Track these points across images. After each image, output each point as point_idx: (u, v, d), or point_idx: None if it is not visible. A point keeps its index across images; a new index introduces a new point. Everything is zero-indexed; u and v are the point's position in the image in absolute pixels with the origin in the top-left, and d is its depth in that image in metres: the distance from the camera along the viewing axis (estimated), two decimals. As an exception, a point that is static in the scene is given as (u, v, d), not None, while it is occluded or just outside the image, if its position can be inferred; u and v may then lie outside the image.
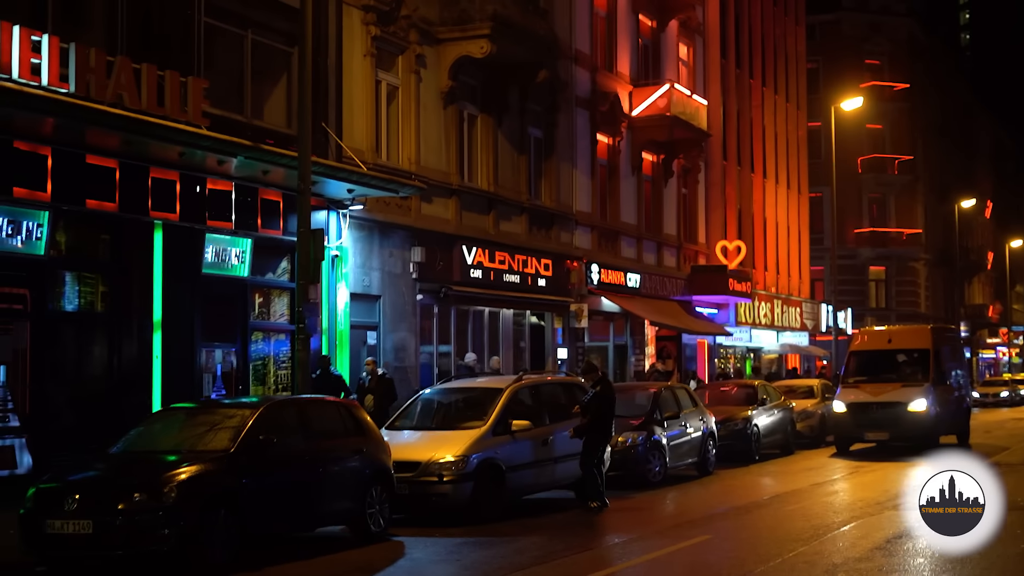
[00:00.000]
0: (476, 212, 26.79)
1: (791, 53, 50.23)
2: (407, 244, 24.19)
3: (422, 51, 24.82)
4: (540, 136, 29.87)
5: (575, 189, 31.21)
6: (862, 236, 64.61)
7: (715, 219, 40.70)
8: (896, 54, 67.21)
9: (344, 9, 22.55)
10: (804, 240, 51.33)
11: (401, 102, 24.53)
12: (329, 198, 21.54)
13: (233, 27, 19.91)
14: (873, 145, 66.21)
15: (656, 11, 36.33)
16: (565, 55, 30.72)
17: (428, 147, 25.08)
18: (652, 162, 36.23)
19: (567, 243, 30.75)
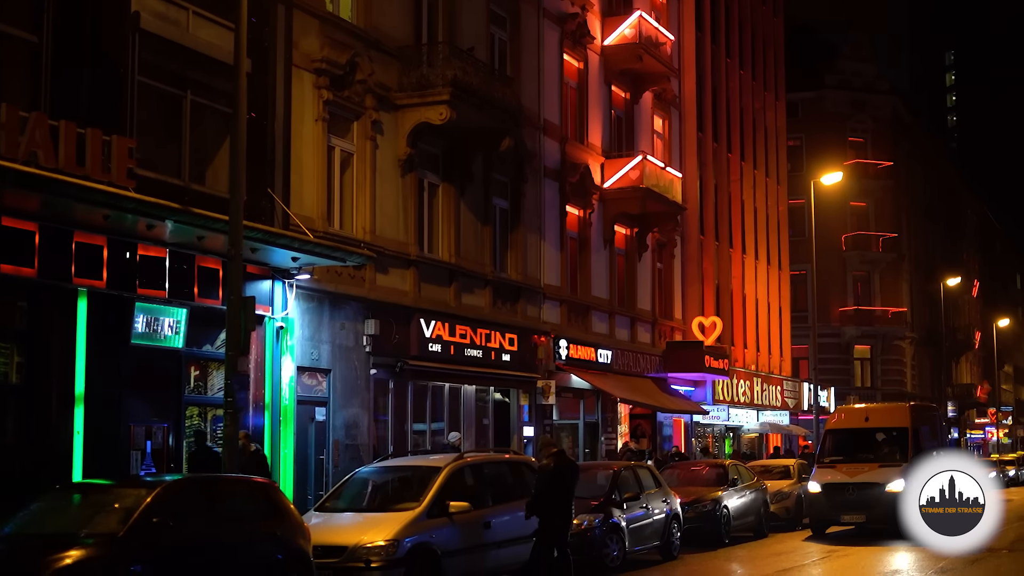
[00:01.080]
0: (436, 284, 25.82)
1: (771, 128, 49.66)
2: (360, 316, 23.19)
3: (379, 117, 24.00)
4: (506, 207, 29.00)
5: (543, 262, 30.29)
6: (847, 314, 63.72)
7: (692, 295, 39.78)
8: (880, 132, 66.82)
9: (294, 72, 21.73)
10: (785, 318, 50.42)
11: (356, 169, 23.65)
12: (274, 267, 20.58)
13: (171, 87, 19.05)
14: (857, 223, 65.61)
15: (630, 83, 35.67)
16: (533, 124, 29.97)
17: (385, 216, 24.17)
18: (625, 235, 35.38)
19: (534, 317, 29.77)
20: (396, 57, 24.66)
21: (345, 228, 23.31)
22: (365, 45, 23.65)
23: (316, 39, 22.32)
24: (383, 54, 24.26)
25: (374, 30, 24.04)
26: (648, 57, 34.40)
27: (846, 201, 64.28)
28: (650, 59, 34.59)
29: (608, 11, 34.67)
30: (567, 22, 31.90)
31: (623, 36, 34.09)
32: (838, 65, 66.88)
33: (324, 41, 22.44)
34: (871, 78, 67.63)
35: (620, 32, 34.09)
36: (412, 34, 25.45)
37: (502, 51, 29.27)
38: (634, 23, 34.06)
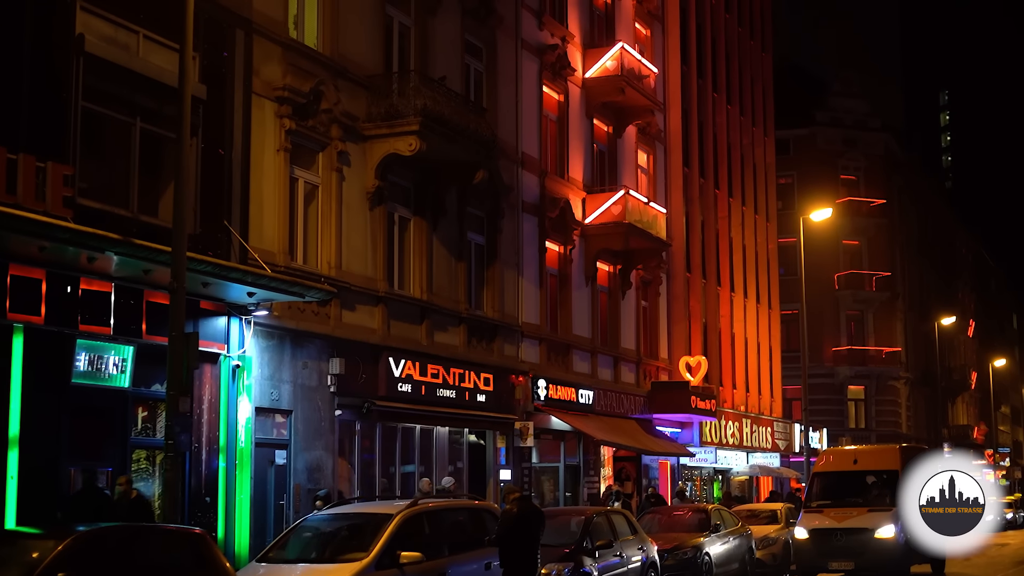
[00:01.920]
0: (407, 321, 24.85)
1: (760, 164, 48.86)
2: (325, 355, 22.20)
3: (345, 148, 23.10)
4: (482, 242, 28.09)
5: (521, 299, 29.35)
6: (840, 354, 62.76)
7: (678, 334, 38.81)
8: (872, 169, 66.07)
9: (255, 100, 20.84)
10: (776, 357, 49.42)
11: (321, 202, 22.74)
12: (230, 303, 19.63)
13: (118, 114, 18.15)
14: (850, 261, 64.82)
15: (612, 116, 34.86)
16: (510, 158, 29.12)
17: (352, 251, 23.24)
18: (608, 272, 34.47)
19: (512, 356, 28.80)
20: (364, 86, 23.81)
21: (309, 263, 22.38)
22: (331, 73, 22.80)
23: (278, 66, 21.46)
24: (350, 83, 23.41)
25: (341, 58, 23.20)
26: (631, 90, 33.59)
27: (838, 239, 63.53)
28: (633, 92, 33.78)
29: (589, 43, 33.90)
30: (546, 53, 31.11)
31: (605, 68, 33.29)
32: (829, 102, 66.24)
33: (287, 68, 21.59)
34: (863, 115, 66.96)
35: (602, 64, 33.30)
36: (382, 63, 24.61)
37: (478, 82, 28.46)
38: (616, 55, 33.28)
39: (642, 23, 38.09)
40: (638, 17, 37.63)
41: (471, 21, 27.82)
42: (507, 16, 29.40)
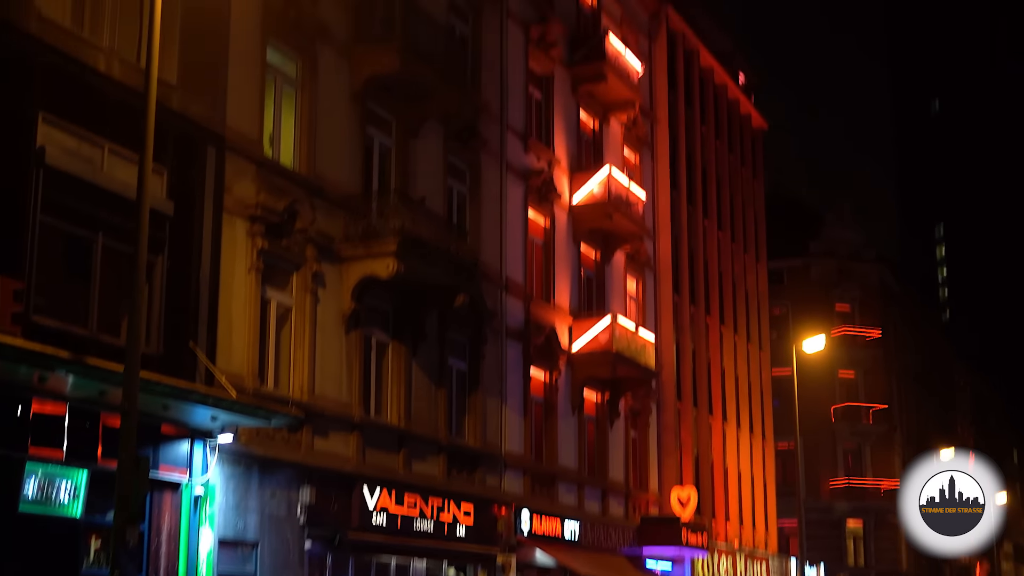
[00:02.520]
0: (383, 450, 23.94)
1: (752, 292, 48.34)
2: (295, 483, 21.26)
3: (321, 269, 22.44)
4: (464, 368, 27.31)
5: (504, 428, 28.45)
6: (837, 489, 61.62)
7: (669, 465, 37.79)
8: (867, 300, 65.67)
9: (225, 218, 20.23)
10: (771, 491, 48.27)
11: (294, 324, 21.99)
12: (194, 428, 18.77)
13: (79, 229, 17.48)
14: (846, 393, 64.13)
15: (600, 242, 34.34)
16: (494, 282, 28.49)
17: (325, 375, 22.43)
18: (596, 401, 33.62)
19: (494, 487, 27.81)
20: (342, 206, 23.26)
21: (281, 387, 21.58)
22: (307, 192, 22.26)
23: (252, 184, 20.91)
24: (327, 202, 22.86)
25: (318, 177, 22.69)
26: (619, 216, 33.13)
27: (834, 371, 62.93)
28: (621, 218, 33.32)
29: (577, 167, 33.54)
30: (532, 177, 30.71)
31: (592, 194, 32.87)
32: (823, 233, 66.19)
33: (261, 186, 21.03)
34: (857, 246, 66.81)
35: (589, 189, 32.88)
36: (360, 183, 24.11)
37: (461, 205, 27.99)
38: (603, 180, 32.88)
39: (631, 149, 37.83)
40: (627, 143, 37.38)
41: (455, 143, 27.42)
42: (492, 139, 29.04)
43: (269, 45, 21.98)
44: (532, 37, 31.54)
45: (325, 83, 23.29)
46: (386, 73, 24.11)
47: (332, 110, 23.45)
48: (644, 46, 39.88)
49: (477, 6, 29.31)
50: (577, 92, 33.94)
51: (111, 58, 18.08)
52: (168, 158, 18.86)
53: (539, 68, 32.23)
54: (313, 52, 23.04)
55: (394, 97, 25.19)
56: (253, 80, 21.39)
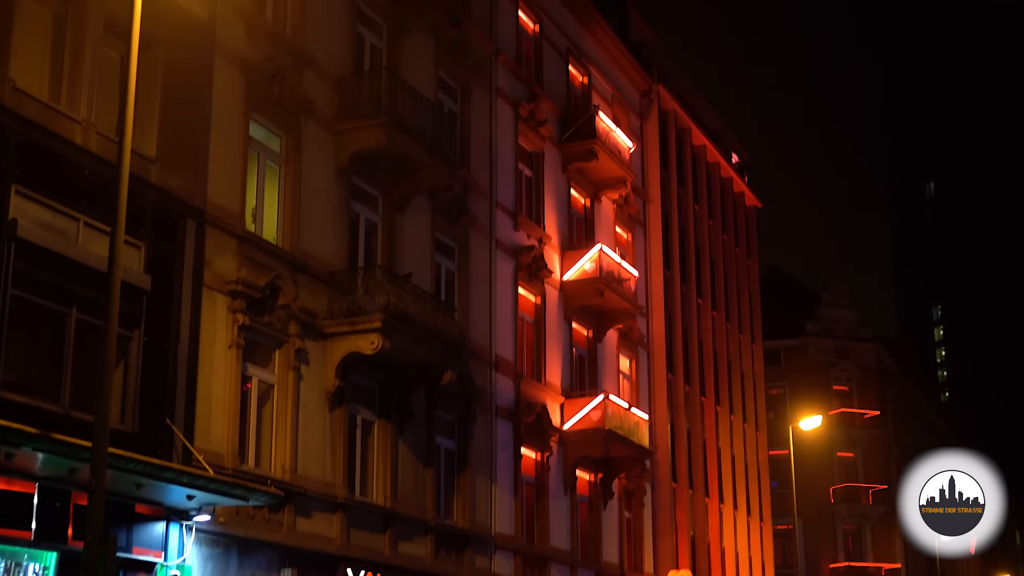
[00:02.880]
0: (368, 530, 23.39)
1: (747, 372, 47.91)
2: (276, 565, 20.70)
3: (304, 345, 22.07)
4: (452, 447, 26.84)
5: (494, 508, 27.90)
6: (838, 571, 60.69)
7: (664, 547, 37.11)
8: (865, 380, 65.20)
9: (205, 293, 19.89)
10: (769, 572, 47.43)
11: (276, 402, 21.58)
12: (169, 507, 18.29)
13: (52, 303, 17.15)
14: (845, 474, 63.46)
15: (592, 320, 34.01)
16: (483, 360, 28.12)
17: (308, 454, 21.96)
18: (589, 481, 33.06)
19: (484, 569, 27.20)
20: (326, 283, 22.94)
21: (262, 466, 21.10)
22: (290, 268, 21.96)
23: (233, 259, 20.60)
24: (311, 278, 22.55)
25: (301, 253, 22.39)
26: (610, 293, 32.82)
27: (833, 451, 62.38)
28: (613, 295, 33.01)
29: (568, 245, 33.32)
30: (522, 255, 30.44)
31: (583, 271, 32.62)
32: (819, 312, 65.85)
33: (242, 262, 20.71)
34: (853, 326, 66.48)
35: (580, 267, 32.63)
36: (346, 259, 23.80)
37: (449, 281, 27.69)
38: (595, 257, 32.64)
39: (623, 227, 37.64)
40: (619, 221, 37.20)
41: (442, 220, 27.19)
42: (480, 216, 28.83)
43: (252, 120, 21.80)
44: (522, 115, 31.47)
45: (310, 158, 23.09)
46: (372, 148, 23.91)
47: (317, 185, 23.23)
48: (635, 124, 39.89)
49: (466, 83, 29.23)
50: (568, 170, 33.81)
51: (88, 131, 17.86)
52: (146, 232, 18.61)
53: (529, 145, 32.12)
54: (297, 127, 22.86)
55: (380, 172, 25.00)
56: (235, 155, 21.17)
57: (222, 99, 20.85)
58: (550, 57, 34.12)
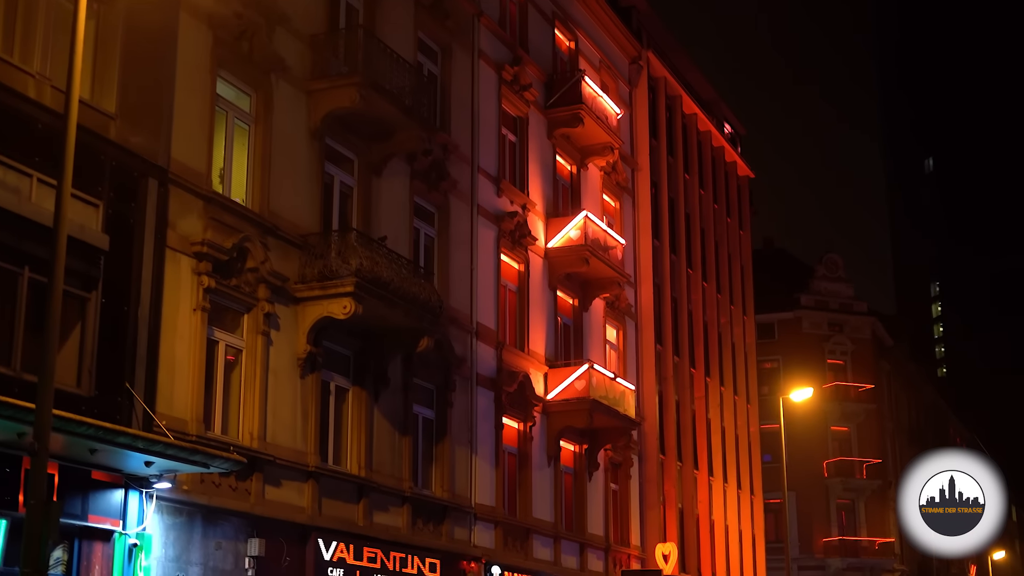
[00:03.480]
0: (341, 500, 22.85)
1: (739, 344, 47.30)
2: (242, 535, 20.16)
3: (274, 310, 21.46)
4: (431, 416, 26.28)
5: (475, 479, 27.35)
6: (831, 545, 60.31)
7: (652, 520, 36.57)
8: (860, 354, 64.61)
9: (169, 254, 19.28)
10: (759, 547, 46.98)
11: (244, 367, 21.00)
12: (129, 474, 17.72)
13: (3, 262, 16.55)
14: (839, 448, 62.97)
15: (577, 288, 33.39)
16: (464, 328, 27.54)
17: (278, 422, 21.39)
18: (574, 452, 32.50)
19: (463, 540, 26.68)
20: (298, 246, 22.32)
21: (230, 434, 20.54)
22: (260, 231, 21.33)
23: (199, 220, 19.98)
24: (282, 242, 21.93)
25: (272, 215, 21.77)
26: (596, 261, 32.18)
27: (827, 426, 61.91)
28: (598, 263, 32.37)
29: (553, 212, 32.69)
30: (504, 221, 29.80)
31: (568, 238, 31.98)
32: (814, 286, 65.22)
33: (208, 223, 20.09)
34: (848, 299, 65.87)
35: (565, 234, 31.99)
36: (319, 223, 23.18)
37: (428, 247, 27.10)
38: (580, 224, 32.01)
39: (611, 195, 36.98)
40: (606, 189, 36.54)
41: (421, 184, 26.56)
42: (461, 181, 28.19)
43: (220, 78, 21.16)
44: (505, 78, 30.79)
45: (281, 118, 22.44)
46: (346, 109, 23.25)
47: (289, 146, 22.59)
48: (624, 92, 39.18)
49: (447, 45, 28.56)
50: (553, 136, 33.15)
51: (42, 85, 17.26)
52: (105, 190, 18.03)
53: (513, 110, 31.45)
54: (268, 86, 22.21)
55: (355, 134, 24.38)
56: (201, 113, 20.52)
57: (188, 55, 20.20)
58: (535, 21, 33.43)
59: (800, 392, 39.71)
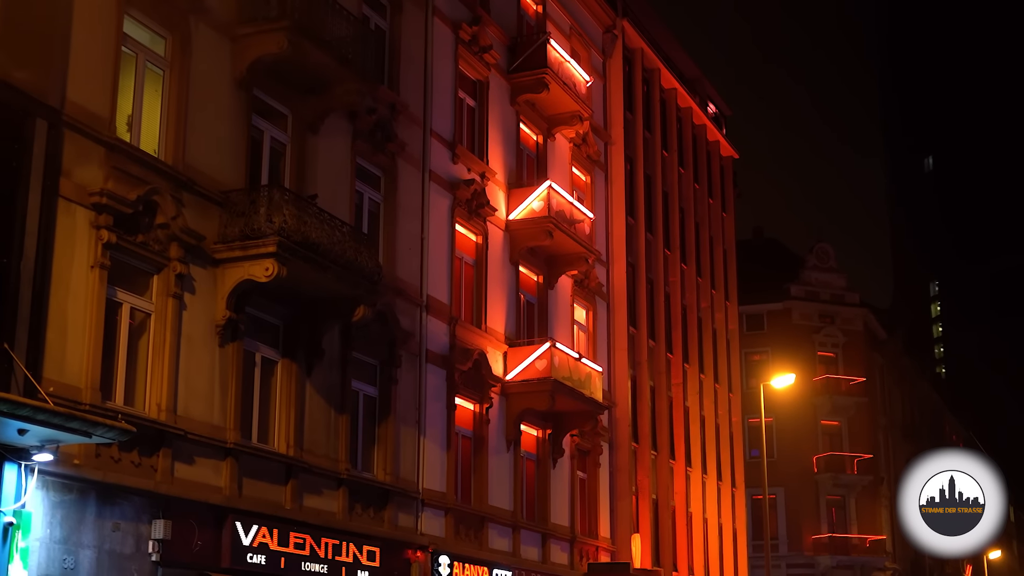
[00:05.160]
0: (266, 481, 20.98)
1: (721, 330, 45.42)
2: (145, 515, 18.29)
3: (188, 271, 19.60)
4: (373, 394, 24.43)
5: (423, 462, 25.50)
6: (820, 542, 58.47)
7: (622, 510, 34.67)
8: (851, 346, 62.84)
9: (61, 204, 17.41)
10: (741, 543, 45.04)
11: (153, 332, 19.14)
12: (3, 444, 15.86)
13: None
14: (830, 443, 61.18)
15: (542, 264, 31.54)
16: (412, 300, 25.69)
17: (192, 393, 19.53)
18: (537, 437, 30.66)
19: (408, 528, 24.84)
20: (219, 203, 20.45)
21: (136, 405, 18.70)
22: (173, 184, 19.47)
23: (99, 169, 18.11)
24: (199, 198, 20.06)
25: (188, 169, 19.89)
26: (560, 234, 30.31)
27: (817, 420, 60.28)
28: (563, 237, 30.51)
29: (516, 183, 30.83)
30: (460, 189, 27.93)
31: (531, 210, 30.11)
32: (804, 276, 63.41)
33: (110, 172, 18.21)
34: (840, 290, 64.06)
35: (527, 205, 30.12)
36: (244, 180, 21.26)
37: (374, 213, 25.24)
38: (543, 195, 30.13)
39: (581, 168, 35.12)
40: (575, 161, 34.67)
41: (364, 144, 24.70)
42: (411, 144, 26.33)
43: (128, 17, 19.27)
44: (463, 38, 28.94)
45: (201, 65, 20.57)
46: (273, 55, 21.38)
47: (210, 96, 20.72)
48: (597, 62, 37.31)
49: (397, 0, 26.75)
50: (516, 102, 31.28)
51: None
52: (-20, 129, 16.17)
53: (472, 73, 29.60)
54: (186, 29, 20.34)
55: (288, 86, 22.54)
56: (104, 53, 18.63)
57: (88, -13, 18.34)
58: (499, -20, 31.59)
59: (782, 379, 37.98)
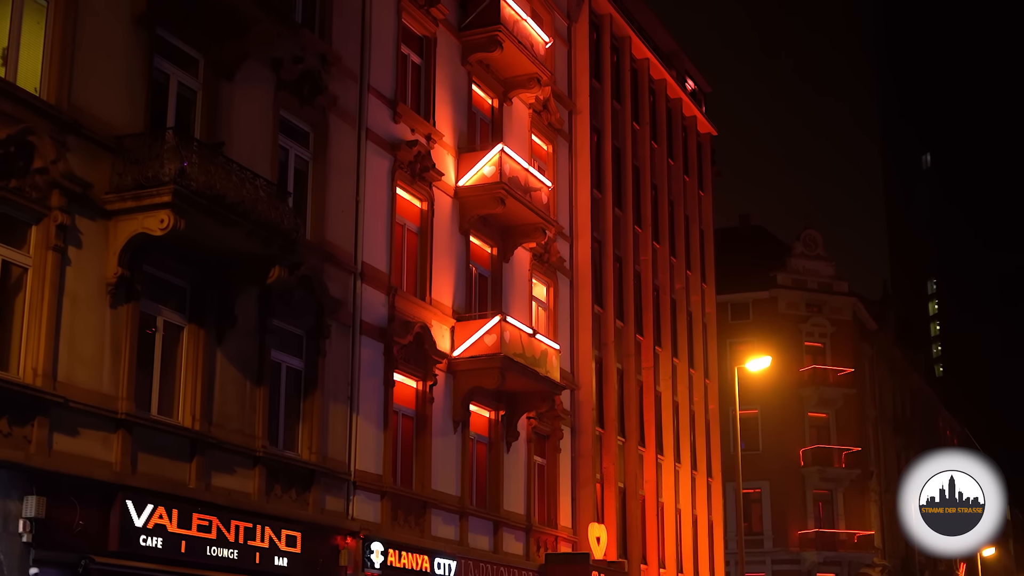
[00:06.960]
0: (166, 457, 19.04)
1: (696, 313, 43.48)
2: (16, 491, 16.36)
3: (72, 222, 17.68)
4: (298, 366, 22.50)
5: (355, 441, 23.58)
6: (807, 537, 56.54)
7: (585, 498, 32.70)
8: (840, 336, 60.92)
9: (-85, 141, 15.55)
10: (717, 534, 43.08)
11: (31, 289, 17.21)
12: None
13: None
14: (817, 435, 59.23)
15: (496, 235, 29.61)
16: (344, 267, 23.78)
17: (76, 357, 17.59)
18: (489, 419, 28.75)
19: (337, 511, 22.91)
20: (112, 150, 18.52)
21: (9, 368, 16.79)
22: (55, 126, 17.53)
23: (-36, 104, 16.24)
24: (88, 143, 18.13)
25: (74, 110, 17.96)
26: (514, 202, 28.39)
27: (804, 412, 58.39)
28: (517, 205, 28.58)
29: (468, 147, 28.89)
30: (402, 150, 25.98)
31: (481, 175, 28.19)
32: (791, 263, 61.46)
33: (-23, 109, 16.35)
34: (828, 278, 62.12)
35: (478, 171, 28.19)
36: (144, 127, 19.33)
37: (301, 171, 23.30)
38: (495, 160, 28.20)
39: (542, 136, 33.19)
40: (535, 128, 32.73)
41: (290, 96, 22.76)
42: (345, 99, 24.41)
43: (4, -63, 17.39)
44: (407, -10, 27.02)
45: (93, -1, 18.66)
46: (176, -12, 19.50)
47: (102, 32, 18.76)
48: (561, 26, 35.39)
49: (330, -56, 24.82)
50: (468, 62, 29.35)
51: None
52: None
53: (417, 28, 27.68)
54: (74, -44, 18.43)
55: (199, 28, 20.59)
56: (-26, -24, 16.77)
57: (-47, -97, 16.44)
58: (447, -69, 29.64)
59: (757, 361, 35.96)
